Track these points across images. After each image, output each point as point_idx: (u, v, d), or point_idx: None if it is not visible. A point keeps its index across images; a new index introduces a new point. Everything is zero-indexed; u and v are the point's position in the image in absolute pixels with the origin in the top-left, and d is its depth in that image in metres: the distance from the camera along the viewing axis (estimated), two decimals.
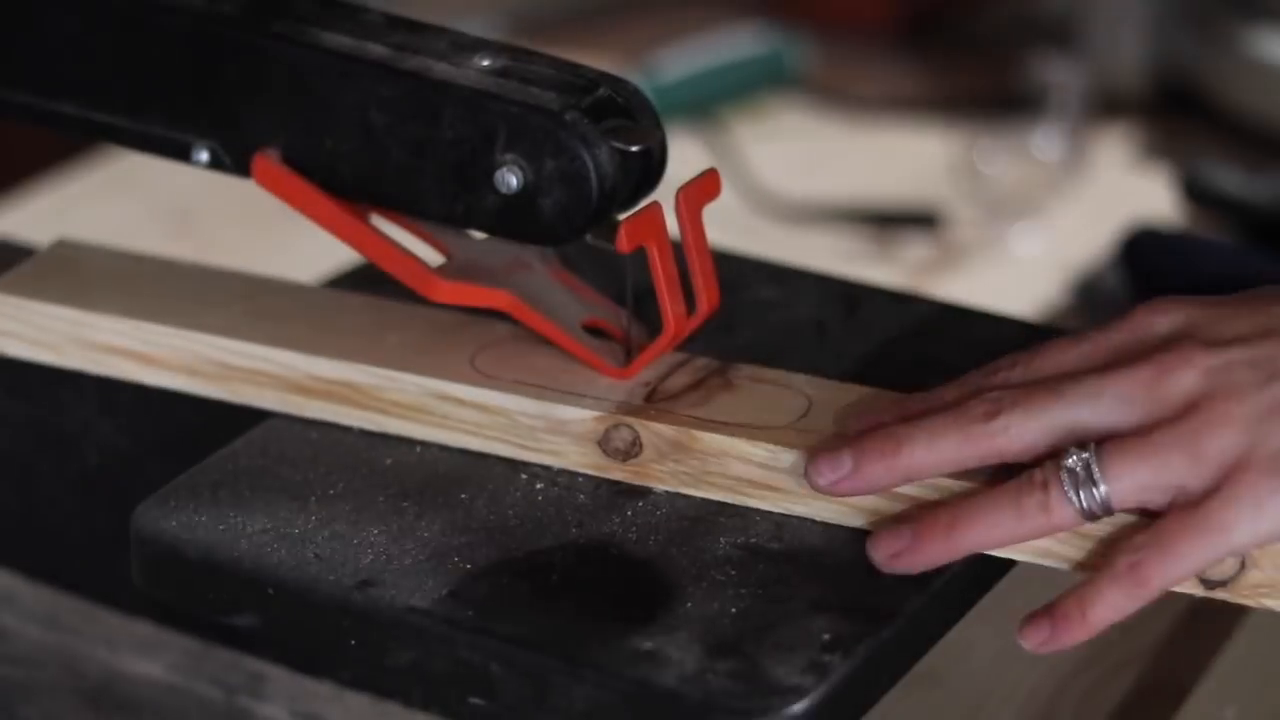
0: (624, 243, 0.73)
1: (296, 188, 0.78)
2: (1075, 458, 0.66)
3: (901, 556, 0.68)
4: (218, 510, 0.72)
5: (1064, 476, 0.66)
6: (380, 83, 0.75)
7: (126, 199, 1.41)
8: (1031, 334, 0.84)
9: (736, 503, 0.73)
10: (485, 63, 0.76)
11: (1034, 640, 0.68)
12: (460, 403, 0.75)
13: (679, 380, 0.76)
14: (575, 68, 0.76)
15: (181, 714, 0.84)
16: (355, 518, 0.72)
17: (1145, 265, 1.22)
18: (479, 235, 0.81)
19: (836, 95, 1.59)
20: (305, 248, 0.95)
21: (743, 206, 1.38)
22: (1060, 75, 1.45)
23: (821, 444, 0.71)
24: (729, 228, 1.30)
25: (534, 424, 0.75)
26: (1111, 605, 0.66)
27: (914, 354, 0.82)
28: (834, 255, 1.32)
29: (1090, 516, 0.67)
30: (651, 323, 0.78)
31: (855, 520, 0.71)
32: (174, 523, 0.71)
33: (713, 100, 1.54)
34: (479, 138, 0.74)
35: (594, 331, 0.79)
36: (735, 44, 1.58)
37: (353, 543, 0.70)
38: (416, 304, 0.79)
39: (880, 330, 0.84)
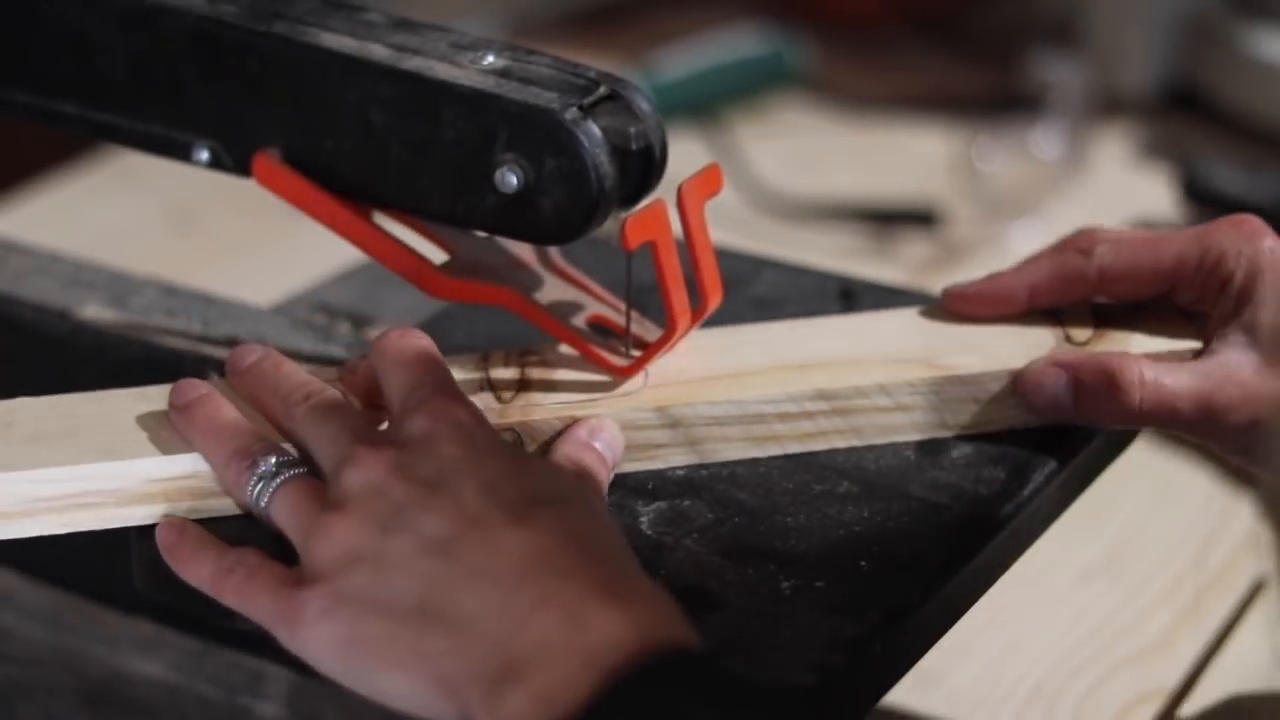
0: (629, 240, 0.73)
1: (298, 187, 0.78)
2: (269, 465, 0.69)
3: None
4: None
5: (254, 472, 0.69)
6: (381, 82, 0.75)
7: (127, 199, 1.41)
8: None
9: None
10: (486, 62, 0.76)
11: (160, 538, 0.70)
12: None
13: (505, 374, 0.77)
14: (575, 67, 0.76)
15: (181, 713, 0.84)
16: None
17: None
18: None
19: (837, 94, 1.59)
20: (307, 246, 0.96)
21: (743, 204, 1.38)
22: (1060, 74, 1.45)
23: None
24: (730, 225, 1.30)
25: None
26: (200, 578, 0.69)
27: None
28: (834, 253, 1.32)
29: (258, 515, 0.69)
30: (655, 318, 0.79)
31: None
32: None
33: (713, 99, 1.54)
34: (479, 137, 0.74)
35: (598, 328, 0.79)
36: (736, 43, 1.58)
37: None
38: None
39: None
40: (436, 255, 0.80)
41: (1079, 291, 0.79)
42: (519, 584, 0.62)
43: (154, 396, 0.74)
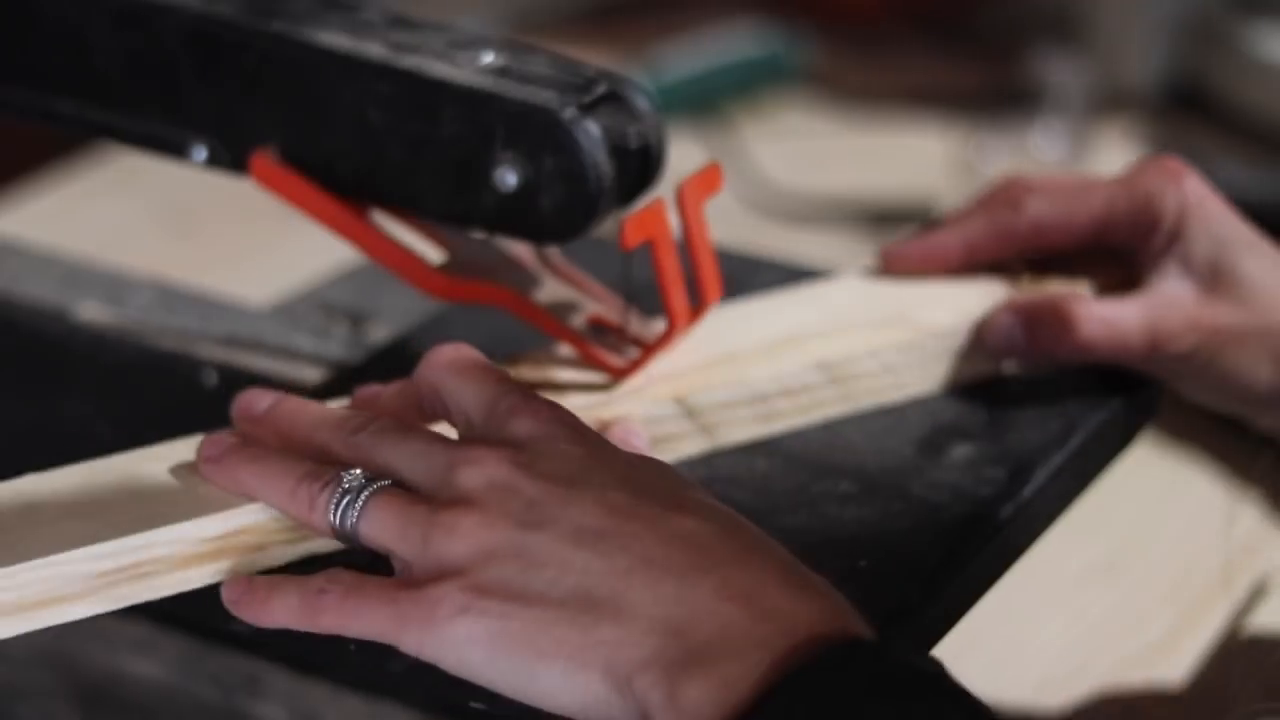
0: (628, 239, 0.73)
1: (295, 185, 0.77)
2: (355, 478, 0.66)
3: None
4: None
5: (339, 488, 0.66)
6: (378, 81, 0.75)
7: (127, 199, 1.41)
8: None
9: None
10: (484, 61, 0.75)
11: (226, 595, 0.66)
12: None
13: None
14: (574, 65, 0.76)
15: (179, 714, 0.83)
16: None
17: None
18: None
19: (838, 91, 1.59)
20: (307, 246, 0.95)
21: (743, 203, 1.38)
22: (1062, 71, 1.45)
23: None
24: (729, 224, 1.30)
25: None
26: (288, 611, 0.64)
27: None
28: (833, 251, 1.32)
29: (340, 535, 0.66)
30: (655, 317, 0.78)
31: None
32: None
33: (714, 97, 1.54)
34: (477, 136, 0.74)
35: (597, 328, 0.79)
36: (737, 40, 1.58)
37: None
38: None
39: None
40: (435, 255, 0.80)
41: (1012, 245, 0.83)
42: (694, 572, 0.60)
43: (167, 455, 0.71)
